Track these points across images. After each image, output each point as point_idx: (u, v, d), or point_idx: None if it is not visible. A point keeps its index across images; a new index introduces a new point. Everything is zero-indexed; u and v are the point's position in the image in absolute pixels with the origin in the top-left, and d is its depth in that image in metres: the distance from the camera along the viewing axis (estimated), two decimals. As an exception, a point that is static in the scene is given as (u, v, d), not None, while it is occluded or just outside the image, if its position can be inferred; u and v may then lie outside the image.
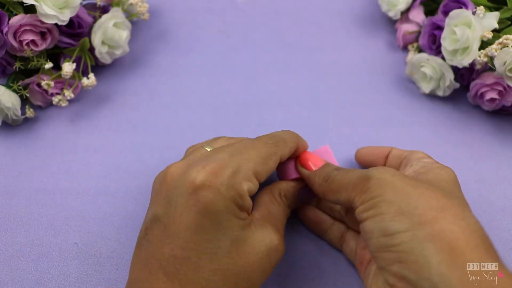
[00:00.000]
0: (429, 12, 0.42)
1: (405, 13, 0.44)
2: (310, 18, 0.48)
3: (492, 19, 0.34)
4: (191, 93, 0.41)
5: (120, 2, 0.42)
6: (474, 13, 0.35)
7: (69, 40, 0.38)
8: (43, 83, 0.36)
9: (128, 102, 0.40)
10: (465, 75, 0.39)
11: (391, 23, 0.48)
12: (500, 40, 0.33)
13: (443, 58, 0.38)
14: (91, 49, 0.39)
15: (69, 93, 0.37)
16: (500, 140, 0.38)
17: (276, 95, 0.41)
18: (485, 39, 0.34)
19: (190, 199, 0.22)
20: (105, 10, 0.42)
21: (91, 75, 0.38)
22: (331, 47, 0.45)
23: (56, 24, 0.35)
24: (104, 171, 0.35)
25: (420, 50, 0.42)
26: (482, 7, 0.35)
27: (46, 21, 0.34)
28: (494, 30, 0.35)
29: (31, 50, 0.35)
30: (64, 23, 0.35)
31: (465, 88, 0.39)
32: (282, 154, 0.27)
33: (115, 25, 0.40)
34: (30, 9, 0.34)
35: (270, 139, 0.27)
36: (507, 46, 0.33)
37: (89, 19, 0.39)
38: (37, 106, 0.39)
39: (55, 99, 0.37)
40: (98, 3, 0.40)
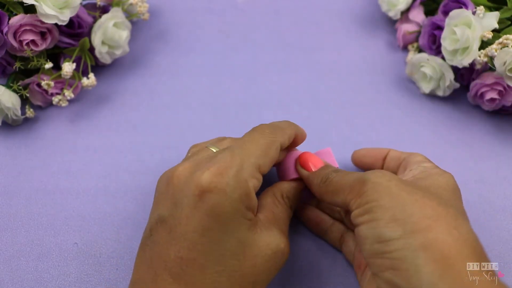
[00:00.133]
0: (429, 12, 0.42)
1: (405, 13, 0.44)
2: (310, 18, 0.48)
3: (492, 19, 0.34)
4: (191, 93, 0.41)
5: (120, 2, 0.42)
6: (474, 13, 0.35)
7: (69, 40, 0.38)
8: (43, 83, 0.36)
9: (128, 102, 0.40)
10: (465, 75, 0.39)
11: (391, 23, 0.48)
12: (500, 40, 0.33)
13: (443, 58, 0.38)
14: (91, 49, 0.39)
15: (69, 93, 0.37)
16: (500, 140, 0.38)
17: (276, 95, 0.41)
18: (485, 39, 0.34)
19: (197, 201, 0.22)
20: (105, 10, 0.42)
21: (91, 75, 0.38)
22: (331, 47, 0.45)
23: (56, 24, 0.35)
24: (104, 171, 0.35)
25: (420, 50, 0.42)
26: (482, 7, 0.35)
27: (46, 21, 0.34)
28: (494, 30, 0.35)
29: (31, 50, 0.35)
30: (64, 23, 0.35)
31: (465, 88, 0.39)
32: (281, 141, 0.26)
33: (115, 25, 0.40)
34: (30, 9, 0.34)
35: (267, 128, 0.27)
36: (507, 46, 0.33)
37: (89, 19, 0.39)
38: (37, 106, 0.39)
39: (55, 99, 0.37)
40: (98, 3, 0.40)
